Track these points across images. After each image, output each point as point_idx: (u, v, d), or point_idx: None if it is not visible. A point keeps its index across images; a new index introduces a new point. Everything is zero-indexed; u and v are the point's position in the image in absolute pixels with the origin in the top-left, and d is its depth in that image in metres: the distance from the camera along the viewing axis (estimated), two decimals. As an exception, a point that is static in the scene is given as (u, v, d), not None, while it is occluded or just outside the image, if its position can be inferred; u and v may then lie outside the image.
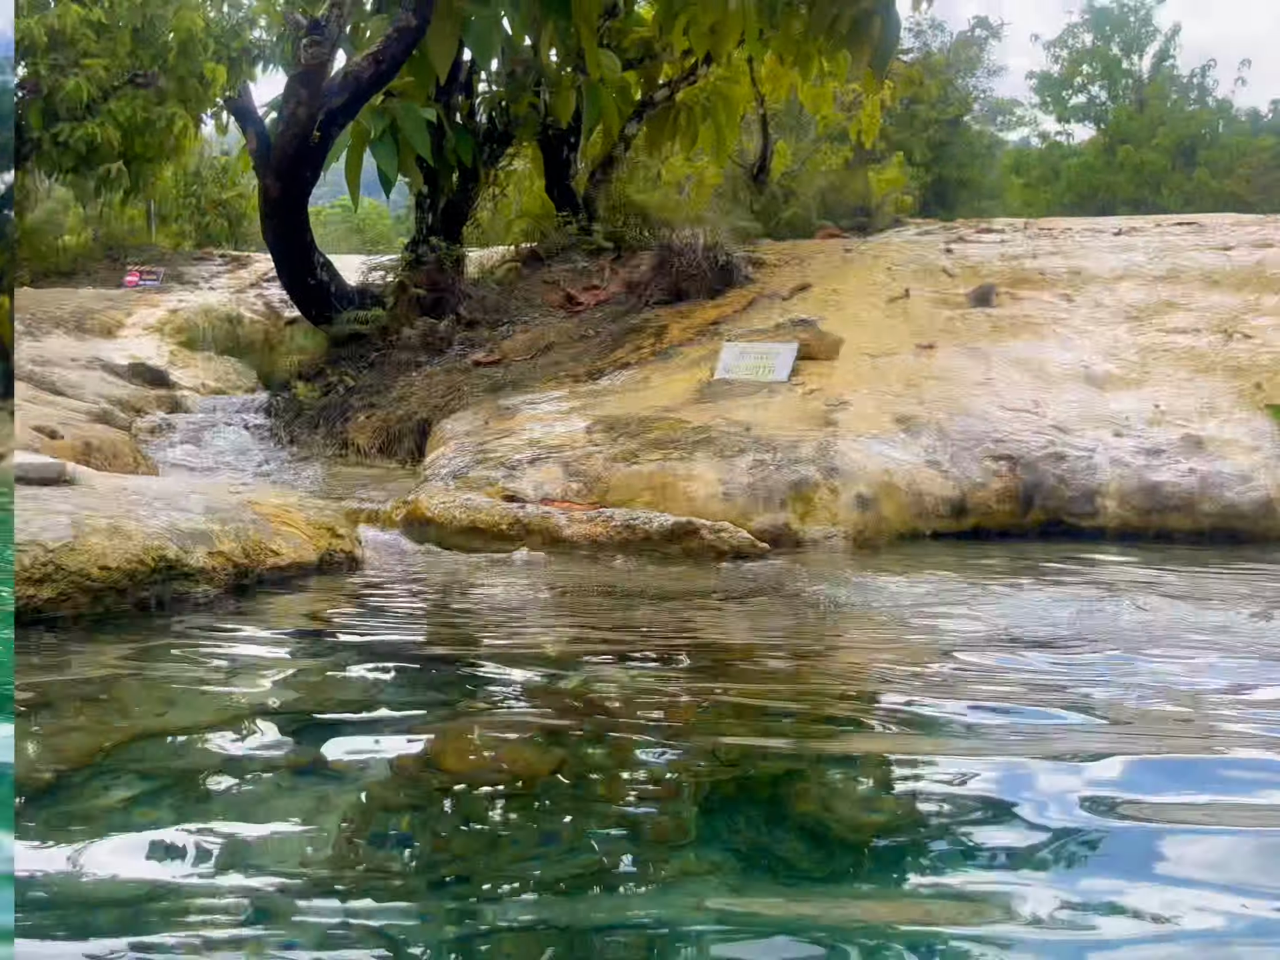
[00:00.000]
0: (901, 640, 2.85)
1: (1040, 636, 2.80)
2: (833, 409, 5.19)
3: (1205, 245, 7.32)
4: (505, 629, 3.01)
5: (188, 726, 2.14)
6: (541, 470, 4.55)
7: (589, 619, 3.05)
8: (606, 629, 2.92)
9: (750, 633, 2.92)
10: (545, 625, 3.04)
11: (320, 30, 6.94)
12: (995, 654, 2.63)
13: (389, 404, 7.25)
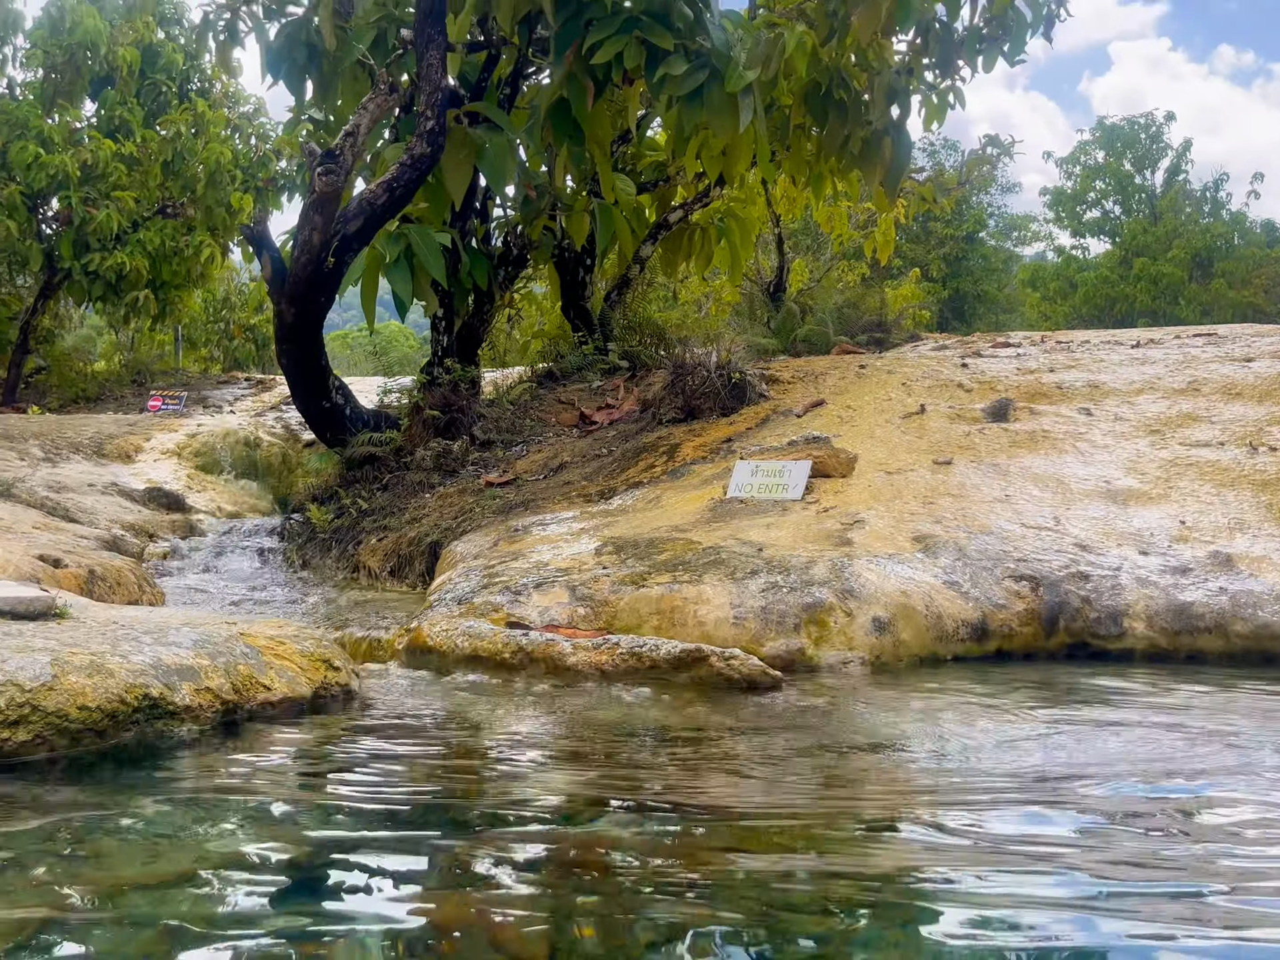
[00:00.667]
0: (939, 787, 2.67)
1: (1099, 794, 2.59)
2: (847, 527, 5.07)
3: (1225, 357, 7.24)
4: (505, 775, 2.86)
5: (162, 880, 2.01)
6: (547, 595, 4.42)
7: (595, 766, 2.87)
8: (616, 778, 2.76)
9: (770, 786, 2.73)
10: (549, 772, 2.86)
11: (334, 159, 7.03)
12: (1063, 814, 2.44)
13: (401, 526, 7.17)
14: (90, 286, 19.41)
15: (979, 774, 2.76)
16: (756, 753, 3.01)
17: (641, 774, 2.79)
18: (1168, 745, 3.00)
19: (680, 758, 2.95)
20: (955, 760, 2.86)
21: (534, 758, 2.99)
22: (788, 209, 17.88)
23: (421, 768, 2.91)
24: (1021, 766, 2.83)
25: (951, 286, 40.70)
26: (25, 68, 20.59)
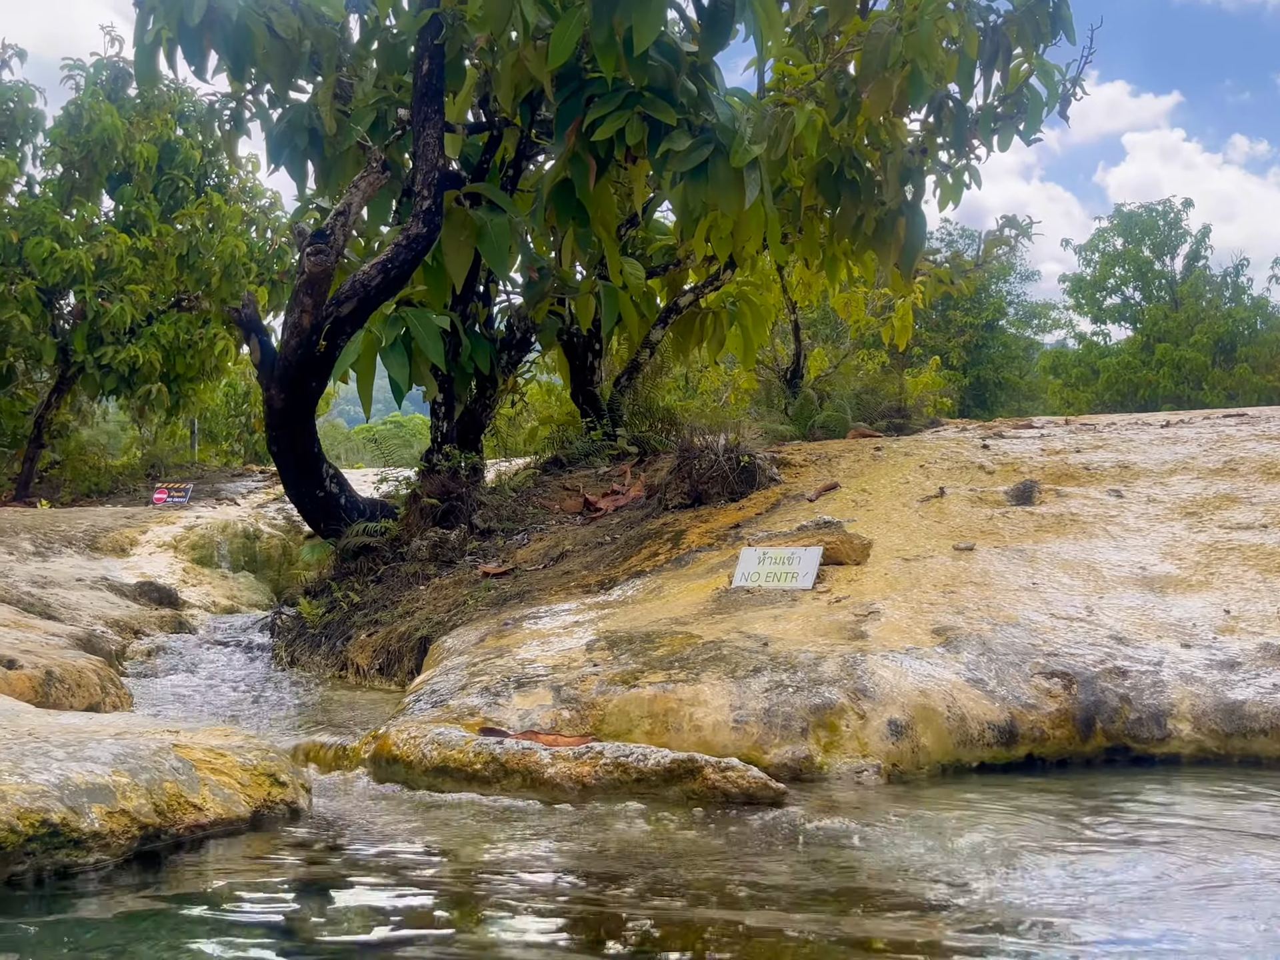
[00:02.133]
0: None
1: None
2: (861, 619, 4.66)
3: (1262, 435, 6.84)
4: (449, 933, 2.45)
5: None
6: (529, 696, 4.02)
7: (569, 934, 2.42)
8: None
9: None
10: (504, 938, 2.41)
11: (324, 239, 6.79)
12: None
13: (392, 620, 6.79)
14: (103, 380, 19.35)
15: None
16: (759, 899, 2.58)
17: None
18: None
19: (667, 916, 2.51)
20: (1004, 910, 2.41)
21: (486, 912, 2.56)
22: (803, 295, 17.71)
23: (356, 917, 2.49)
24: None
25: (972, 374, 40.53)
26: (45, 165, 20.78)
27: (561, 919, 2.40)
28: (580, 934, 2.31)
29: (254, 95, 10.78)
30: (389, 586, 7.38)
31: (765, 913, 2.40)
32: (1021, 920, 2.32)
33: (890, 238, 10.69)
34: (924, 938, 2.24)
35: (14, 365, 20.25)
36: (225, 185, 23.02)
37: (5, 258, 18.59)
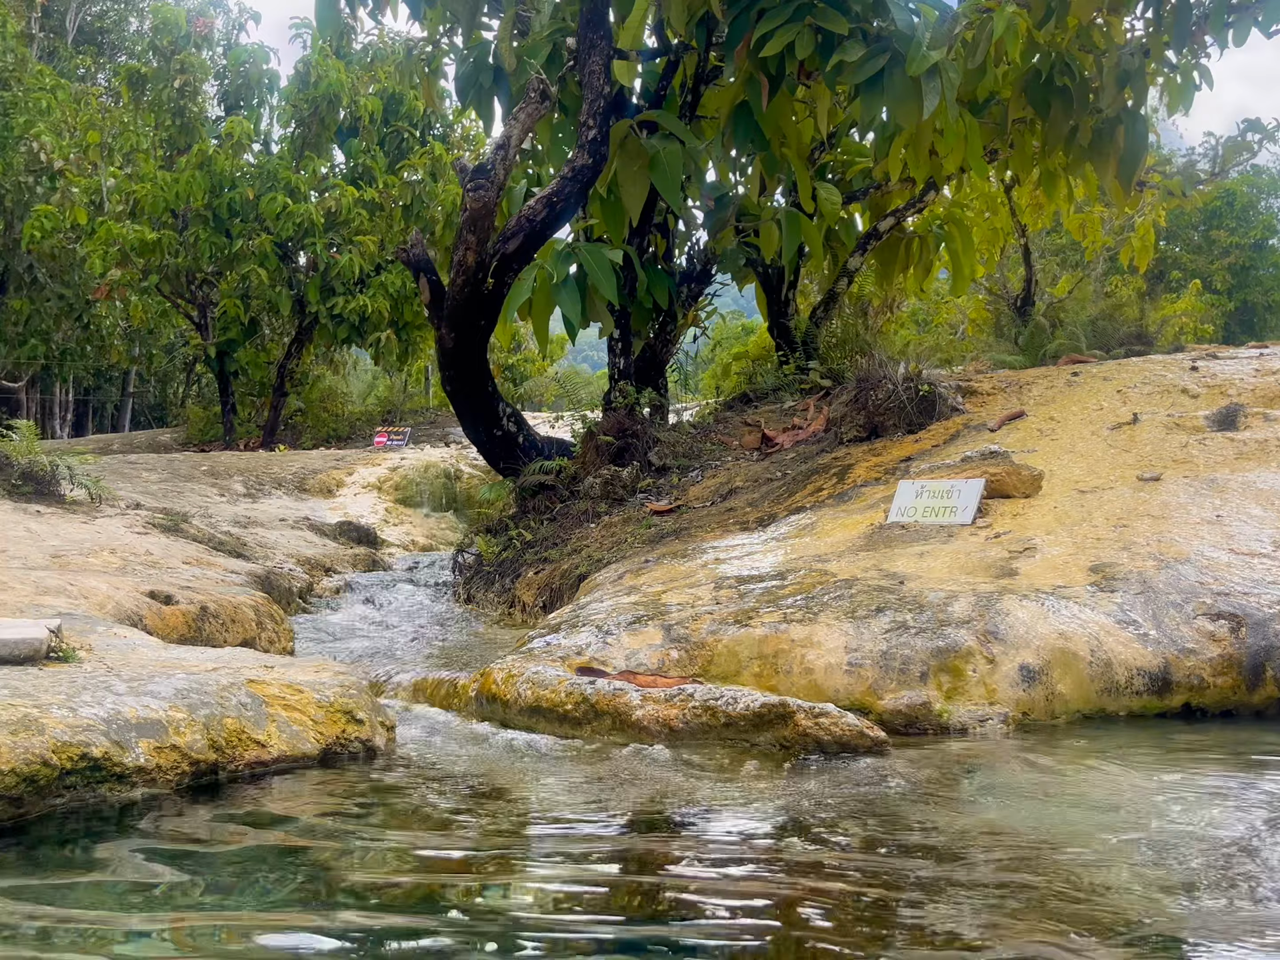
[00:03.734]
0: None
1: None
2: (1015, 556, 4.29)
3: None
4: (510, 877, 2.31)
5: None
6: (639, 635, 3.86)
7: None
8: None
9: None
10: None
11: (485, 174, 6.72)
12: None
13: (560, 558, 6.75)
14: (336, 329, 20.14)
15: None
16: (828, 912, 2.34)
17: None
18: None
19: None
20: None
21: (551, 870, 2.40)
22: (1034, 218, 16.77)
23: (413, 870, 2.36)
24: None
25: (1239, 298, 37.72)
26: (279, 124, 21.68)
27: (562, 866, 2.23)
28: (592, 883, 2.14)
29: (449, 38, 10.85)
30: (561, 525, 7.35)
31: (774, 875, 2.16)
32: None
33: (1109, 148, 9.92)
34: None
35: (258, 319, 21.32)
36: (449, 134, 23.53)
37: (244, 214, 19.53)
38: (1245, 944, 1.82)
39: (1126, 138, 9.73)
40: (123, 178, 20.21)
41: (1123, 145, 9.76)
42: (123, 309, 22.68)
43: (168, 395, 34.36)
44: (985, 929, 1.87)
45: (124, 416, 34.42)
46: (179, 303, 21.40)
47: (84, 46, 32.73)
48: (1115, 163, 9.86)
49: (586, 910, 2.03)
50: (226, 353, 21.16)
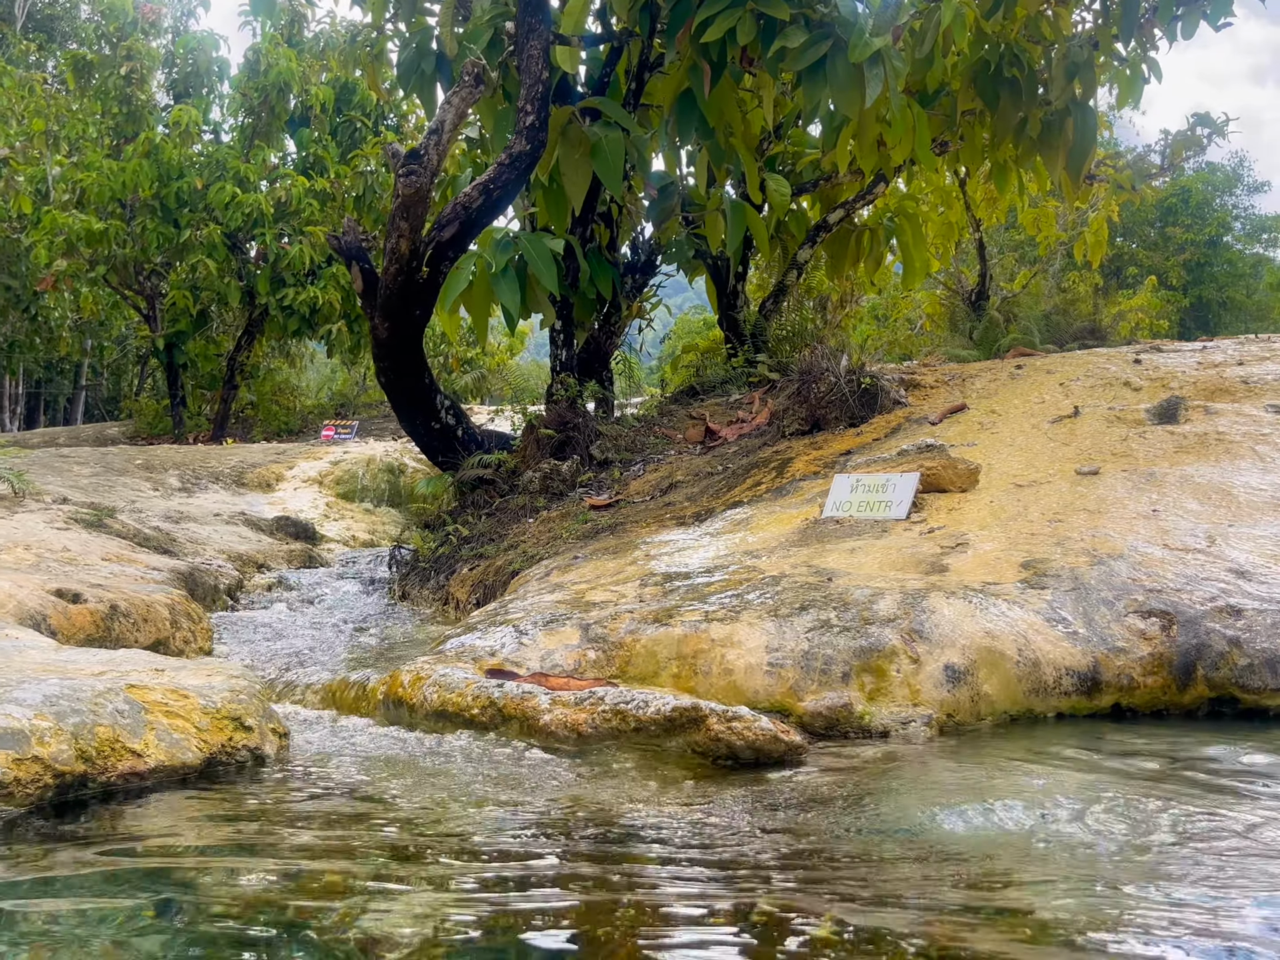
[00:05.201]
0: None
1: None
2: (946, 552, 4.18)
3: None
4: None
5: None
6: (556, 635, 3.71)
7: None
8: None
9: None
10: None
11: (418, 159, 6.54)
12: None
13: (497, 554, 6.59)
14: (286, 321, 19.84)
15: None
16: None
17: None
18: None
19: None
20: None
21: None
22: (988, 212, 16.76)
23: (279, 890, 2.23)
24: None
25: (1193, 294, 37.99)
26: (228, 112, 21.34)
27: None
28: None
29: (393, 23, 10.64)
30: (499, 520, 7.19)
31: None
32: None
33: (1058, 140, 9.87)
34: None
35: (207, 310, 20.99)
36: (402, 125, 23.24)
37: (192, 204, 19.19)
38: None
39: (1075, 130, 9.68)
40: (69, 166, 19.81)
41: (1071, 137, 9.71)
42: (72, 300, 22.32)
43: (121, 388, 33.91)
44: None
45: (76, 410, 33.92)
46: (127, 294, 21.06)
47: (33, 34, 32.15)
48: (1064, 155, 9.81)
49: (456, 931, 1.89)
50: (175, 345, 20.82)
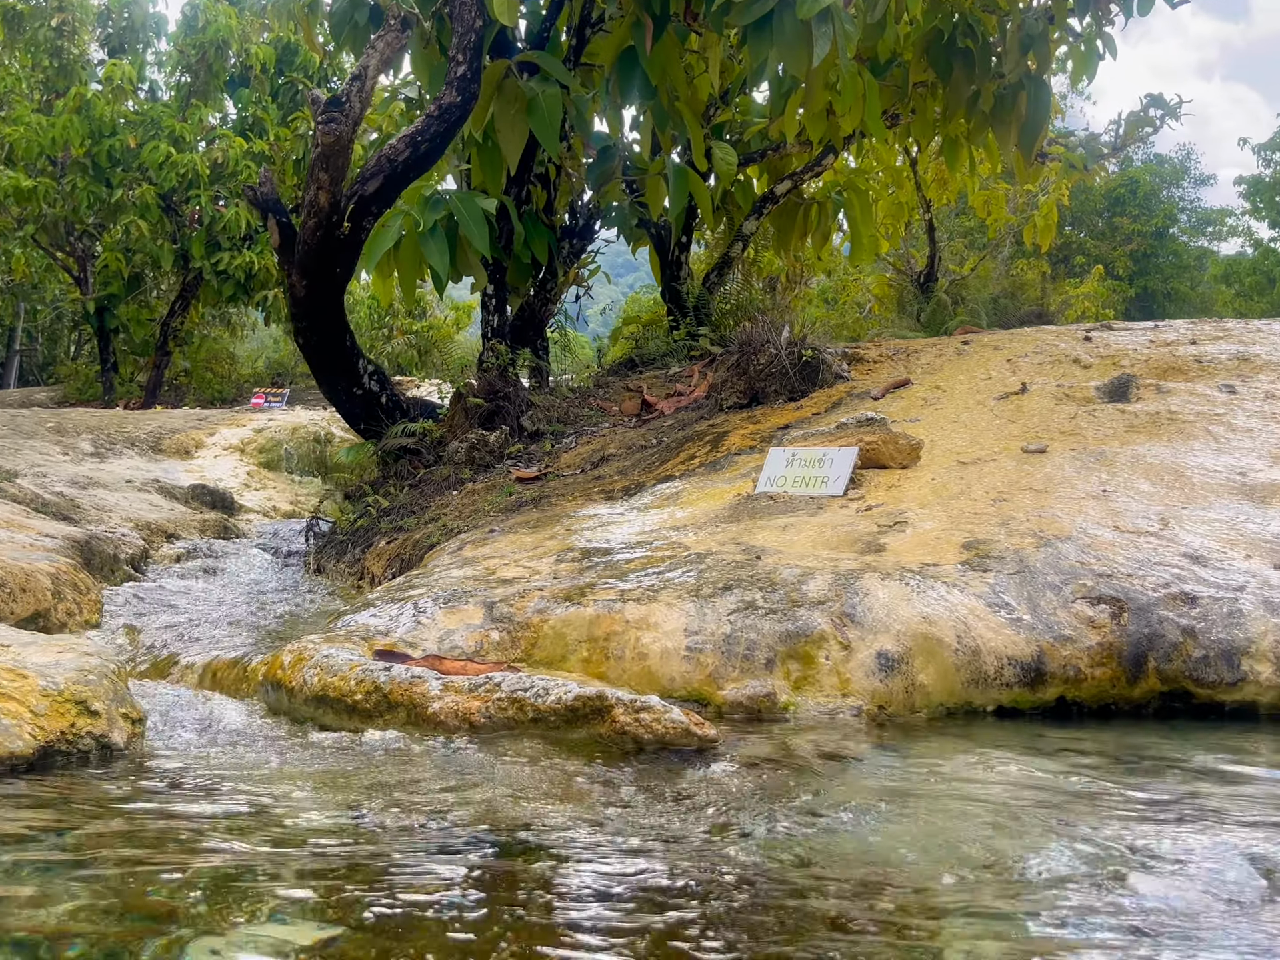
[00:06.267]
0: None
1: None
2: (884, 531, 3.90)
3: None
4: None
5: None
6: (457, 613, 3.39)
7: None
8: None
9: None
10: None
11: (339, 106, 6.16)
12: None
13: (417, 527, 6.25)
14: (221, 286, 19.28)
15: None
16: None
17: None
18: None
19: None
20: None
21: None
22: (939, 193, 16.55)
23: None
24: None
25: (1139, 285, 38.14)
26: (163, 69, 20.69)
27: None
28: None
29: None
30: (422, 491, 6.85)
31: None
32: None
33: (1010, 115, 9.63)
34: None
35: (141, 274, 20.38)
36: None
37: (125, 163, 18.57)
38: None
39: (1029, 105, 9.45)
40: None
41: (1025, 113, 9.48)
42: (3, 261, 21.61)
43: (56, 354, 33.03)
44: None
45: (9, 375, 32.97)
46: (58, 255, 20.41)
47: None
48: (1016, 130, 9.57)
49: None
50: (107, 309, 20.23)
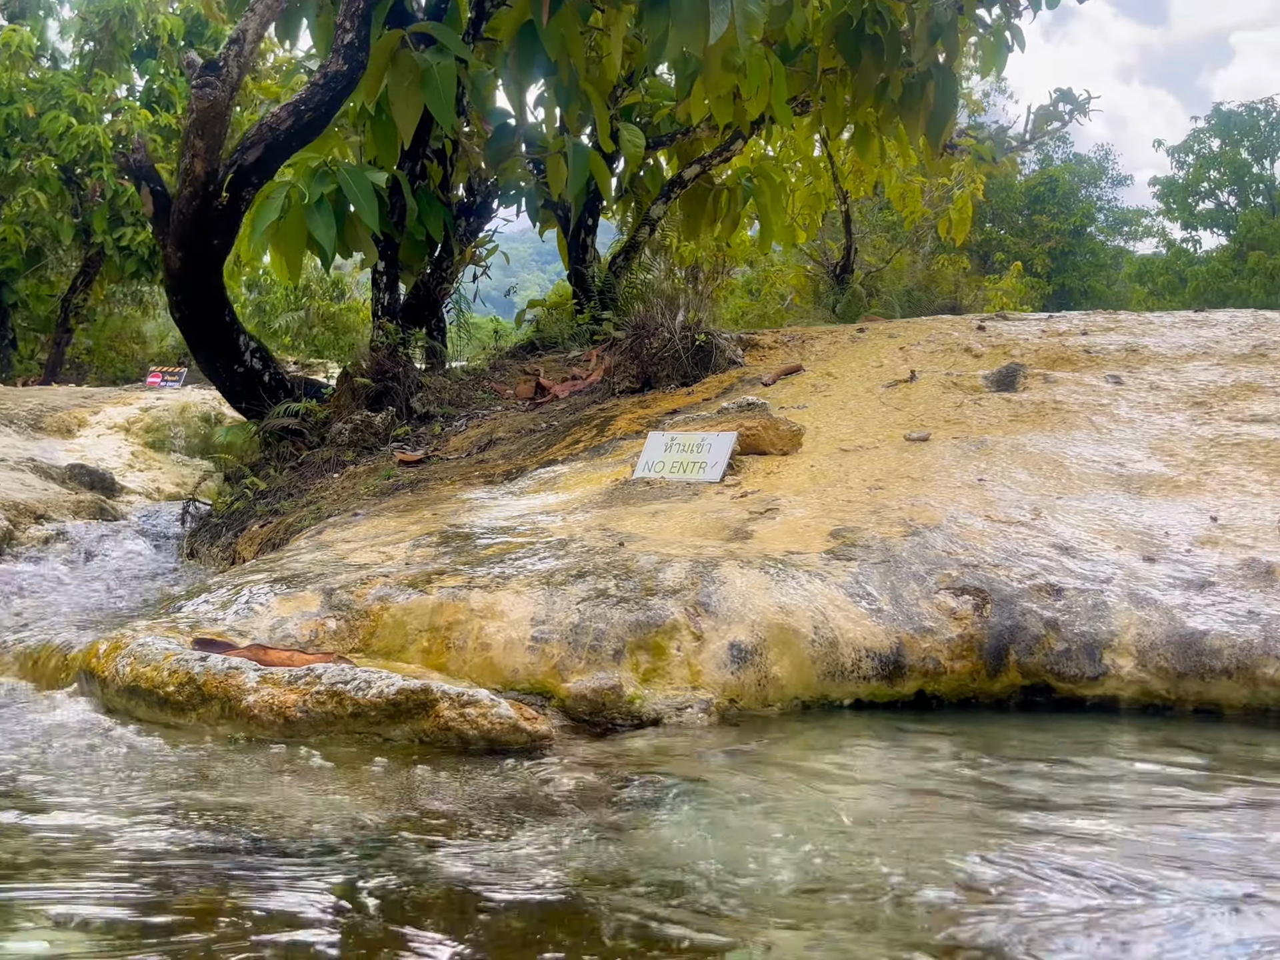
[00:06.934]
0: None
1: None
2: (755, 517, 3.77)
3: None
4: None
5: None
6: (293, 600, 3.20)
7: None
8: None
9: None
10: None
11: (215, 71, 5.89)
12: None
13: (294, 510, 6.02)
14: (124, 263, 18.74)
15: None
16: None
17: None
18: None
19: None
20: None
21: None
22: (856, 184, 16.53)
23: None
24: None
25: (1057, 282, 38.67)
26: (64, 37, 20.04)
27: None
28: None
29: (227, -59, 9.84)
30: (303, 474, 6.61)
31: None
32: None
33: (918, 104, 9.57)
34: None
35: (41, 248, 19.73)
36: (259, 63, 22.11)
37: (24, 132, 17.94)
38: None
39: (937, 94, 9.40)
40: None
41: (933, 101, 9.43)
42: (-100, 232, 20.84)
43: (-43, 330, 32.05)
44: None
45: (-92, 351, 31.94)
46: (-50, 227, 19.70)
47: None
48: (924, 120, 9.52)
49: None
50: (5, 283, 19.56)
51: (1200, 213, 42.08)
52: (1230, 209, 41.70)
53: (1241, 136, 40.72)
